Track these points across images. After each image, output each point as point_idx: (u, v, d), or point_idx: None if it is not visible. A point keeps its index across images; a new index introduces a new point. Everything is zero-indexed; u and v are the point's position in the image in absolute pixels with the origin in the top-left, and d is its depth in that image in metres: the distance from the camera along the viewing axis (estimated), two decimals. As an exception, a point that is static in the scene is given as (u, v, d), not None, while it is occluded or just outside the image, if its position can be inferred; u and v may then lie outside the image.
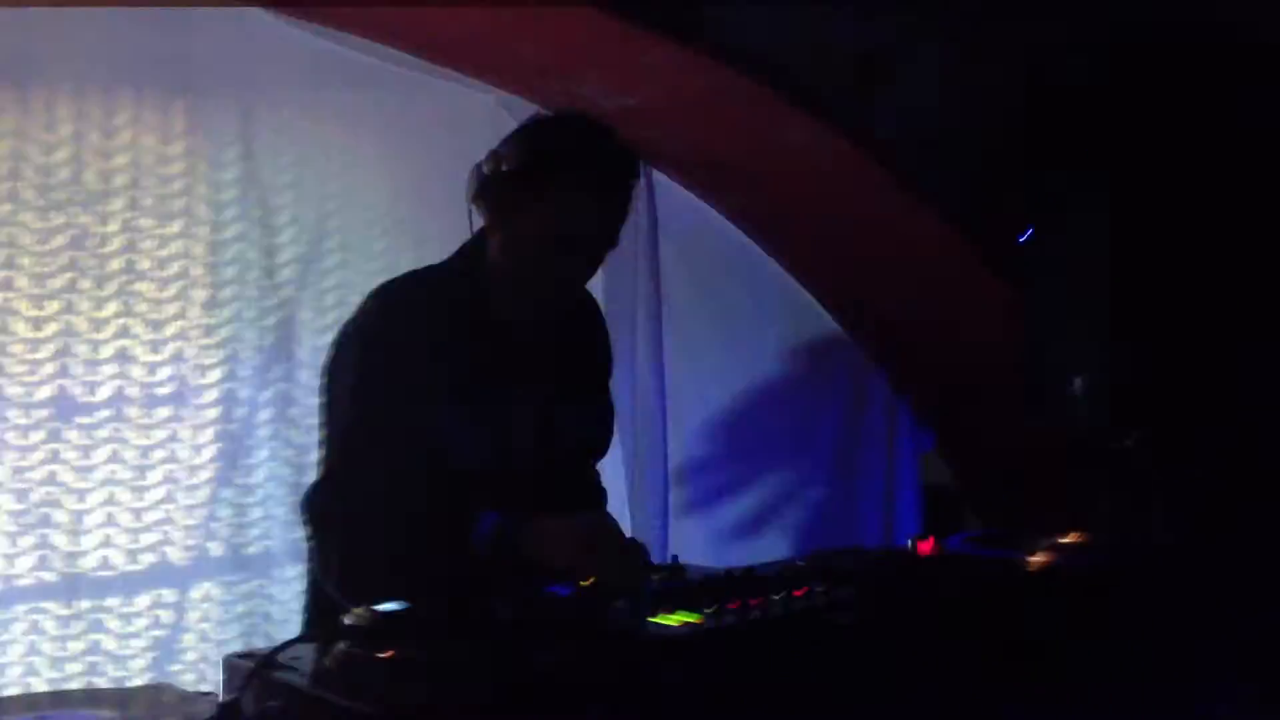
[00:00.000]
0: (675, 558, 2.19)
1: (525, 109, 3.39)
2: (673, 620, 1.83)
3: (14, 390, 2.93)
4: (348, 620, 1.78)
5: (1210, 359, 3.37)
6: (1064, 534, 2.31)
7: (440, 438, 2.26)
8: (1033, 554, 2.12)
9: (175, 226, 3.08)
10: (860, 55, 3.37)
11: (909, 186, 3.54)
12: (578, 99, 3.40)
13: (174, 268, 3.09)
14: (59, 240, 2.96)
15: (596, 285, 2.57)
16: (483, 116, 3.35)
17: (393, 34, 3.27)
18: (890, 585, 2.01)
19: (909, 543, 2.23)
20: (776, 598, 1.89)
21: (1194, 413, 3.30)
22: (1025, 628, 1.93)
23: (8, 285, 2.92)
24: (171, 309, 3.09)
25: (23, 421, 2.93)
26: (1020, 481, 3.68)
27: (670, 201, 3.62)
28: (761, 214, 3.81)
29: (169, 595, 3.05)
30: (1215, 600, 2.13)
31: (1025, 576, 2.06)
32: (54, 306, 2.95)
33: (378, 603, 1.83)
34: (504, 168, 2.31)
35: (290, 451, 3.17)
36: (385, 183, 3.35)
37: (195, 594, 3.09)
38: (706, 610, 1.84)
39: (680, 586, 1.98)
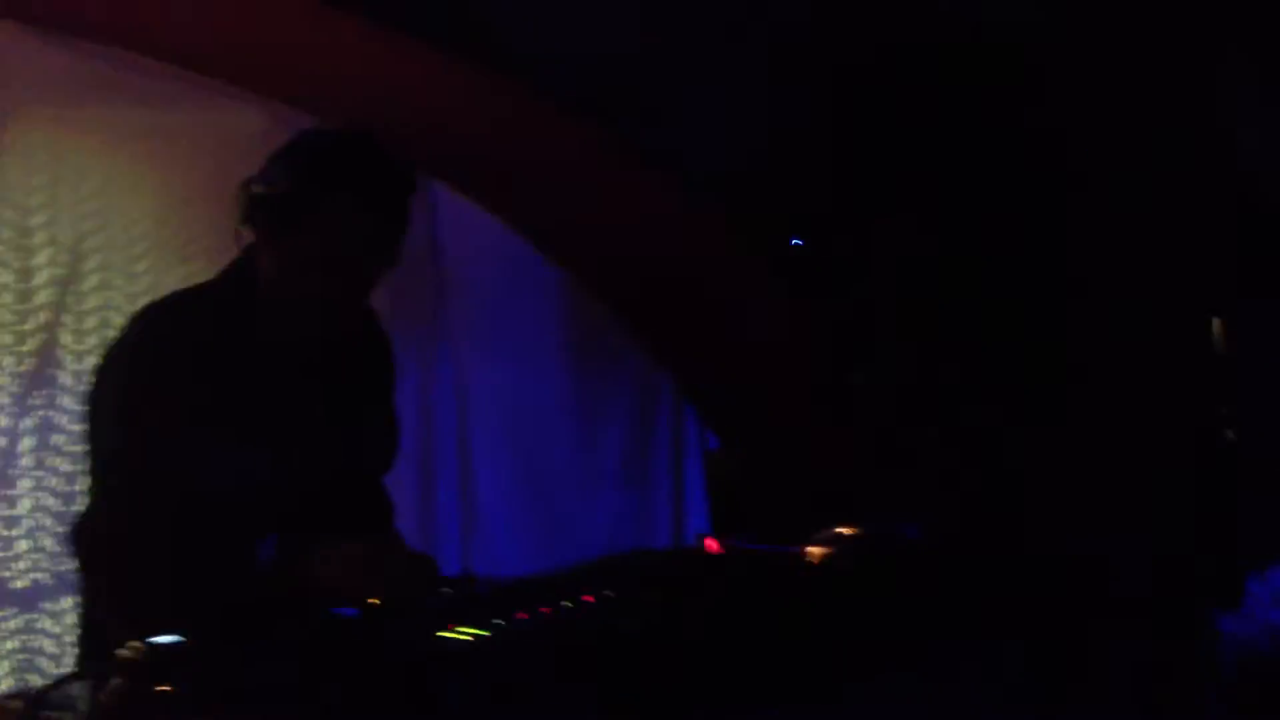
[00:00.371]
0: (467, 570, 2.17)
1: (296, 121, 3.32)
2: (460, 634, 1.81)
3: None
4: (121, 654, 1.71)
5: (992, 358, 3.52)
6: (841, 526, 2.38)
7: (213, 461, 2.20)
8: (812, 548, 2.17)
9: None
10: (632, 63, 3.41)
11: (686, 192, 3.60)
12: (350, 111, 3.34)
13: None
14: None
15: (379, 300, 2.54)
16: (251, 129, 3.28)
17: (152, 46, 3.17)
18: (678, 587, 2.03)
19: (695, 541, 2.25)
20: (566, 605, 1.89)
21: (974, 411, 3.45)
22: (808, 623, 1.98)
23: None
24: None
25: None
26: (805, 476, 3.78)
27: (450, 213, 3.60)
28: (542, 223, 3.82)
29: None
30: (990, 590, 2.22)
31: (805, 571, 2.11)
32: None
33: (153, 634, 1.76)
34: (273, 186, 2.24)
35: (56, 480, 3.07)
36: (148, 200, 3.25)
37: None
38: (495, 622, 1.83)
39: (469, 599, 1.97)
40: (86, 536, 2.16)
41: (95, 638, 2.15)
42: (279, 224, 2.25)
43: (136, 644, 1.72)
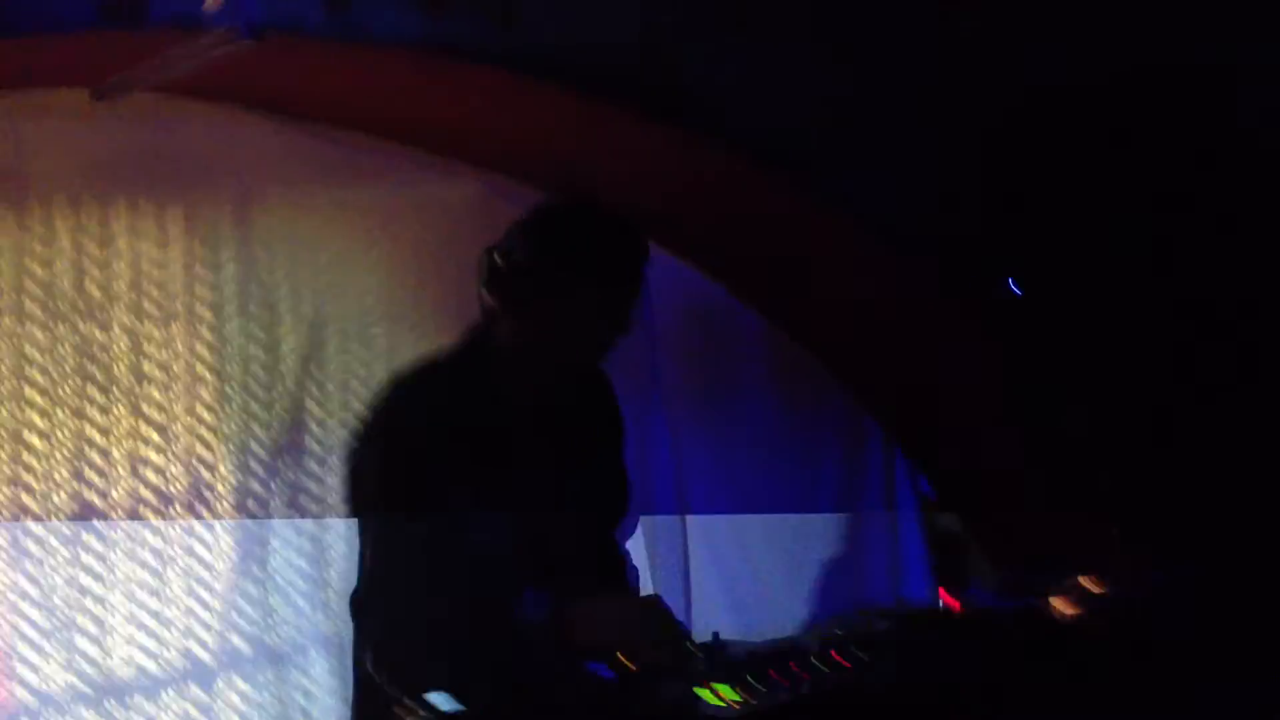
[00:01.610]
0: (716, 634, 2.20)
1: (509, 189, 3.45)
2: (723, 697, 1.85)
3: (30, 501, 2.96)
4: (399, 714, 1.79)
5: (1195, 395, 3.43)
6: (1078, 575, 2.34)
7: (467, 522, 2.29)
8: (1059, 600, 2.15)
9: (177, 329, 3.12)
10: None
11: (892, 246, 3.61)
12: (559, 176, 3.45)
13: (178, 369, 3.12)
14: (65, 350, 3.01)
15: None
16: (472, 201, 3.41)
17: (378, 128, 3.33)
18: (934, 648, 2.04)
19: (938, 598, 2.26)
20: (823, 669, 1.92)
21: (1182, 449, 3.37)
22: (1072, 676, 1.97)
23: (18, 398, 2.97)
24: (179, 409, 3.12)
25: (41, 531, 2.96)
26: (1019, 522, 3.73)
27: (661, 270, 3.67)
28: (752, 280, 3.87)
29: (199, 694, 3.05)
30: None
31: (1059, 625, 2.09)
32: (64, 416, 3.00)
33: (428, 693, 1.84)
34: (516, 259, 2.35)
35: (304, 540, 3.21)
36: (379, 272, 3.39)
37: (224, 690, 3.09)
38: (756, 686, 1.87)
39: (726, 662, 2.01)
40: (362, 602, 2.28)
41: (370, 698, 2.25)
42: (521, 294, 2.36)
43: (416, 707, 1.82)
